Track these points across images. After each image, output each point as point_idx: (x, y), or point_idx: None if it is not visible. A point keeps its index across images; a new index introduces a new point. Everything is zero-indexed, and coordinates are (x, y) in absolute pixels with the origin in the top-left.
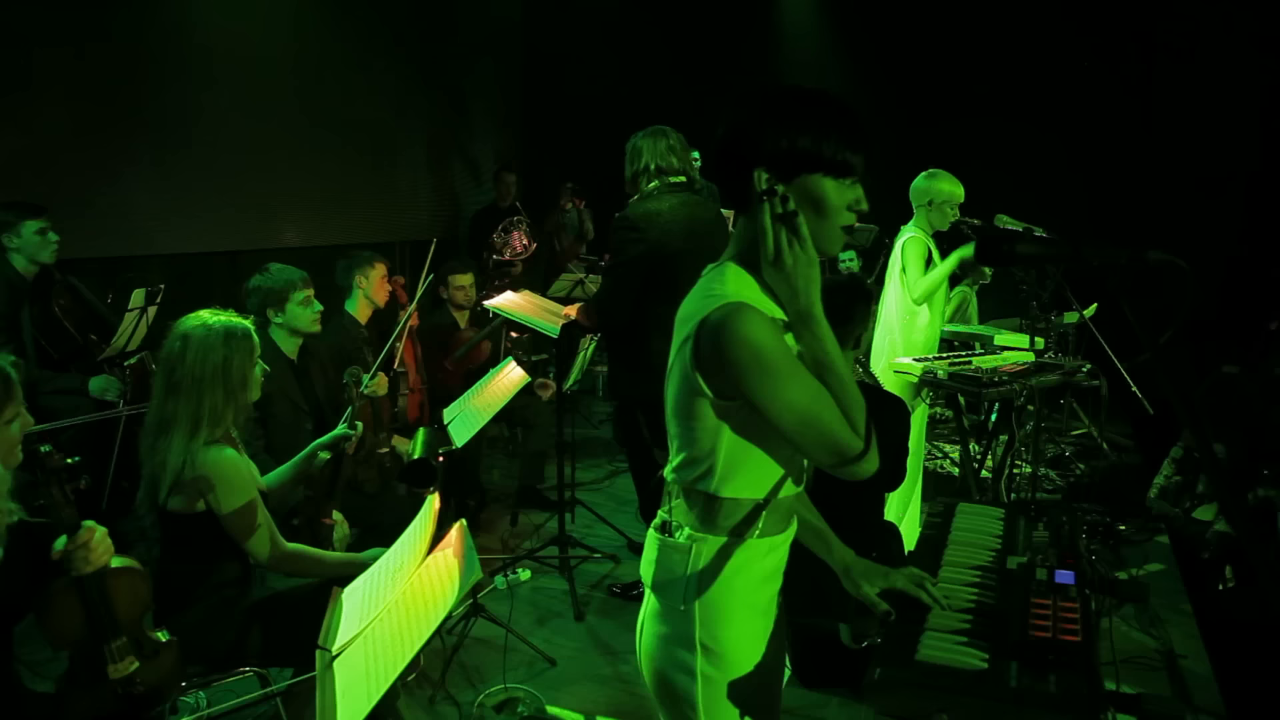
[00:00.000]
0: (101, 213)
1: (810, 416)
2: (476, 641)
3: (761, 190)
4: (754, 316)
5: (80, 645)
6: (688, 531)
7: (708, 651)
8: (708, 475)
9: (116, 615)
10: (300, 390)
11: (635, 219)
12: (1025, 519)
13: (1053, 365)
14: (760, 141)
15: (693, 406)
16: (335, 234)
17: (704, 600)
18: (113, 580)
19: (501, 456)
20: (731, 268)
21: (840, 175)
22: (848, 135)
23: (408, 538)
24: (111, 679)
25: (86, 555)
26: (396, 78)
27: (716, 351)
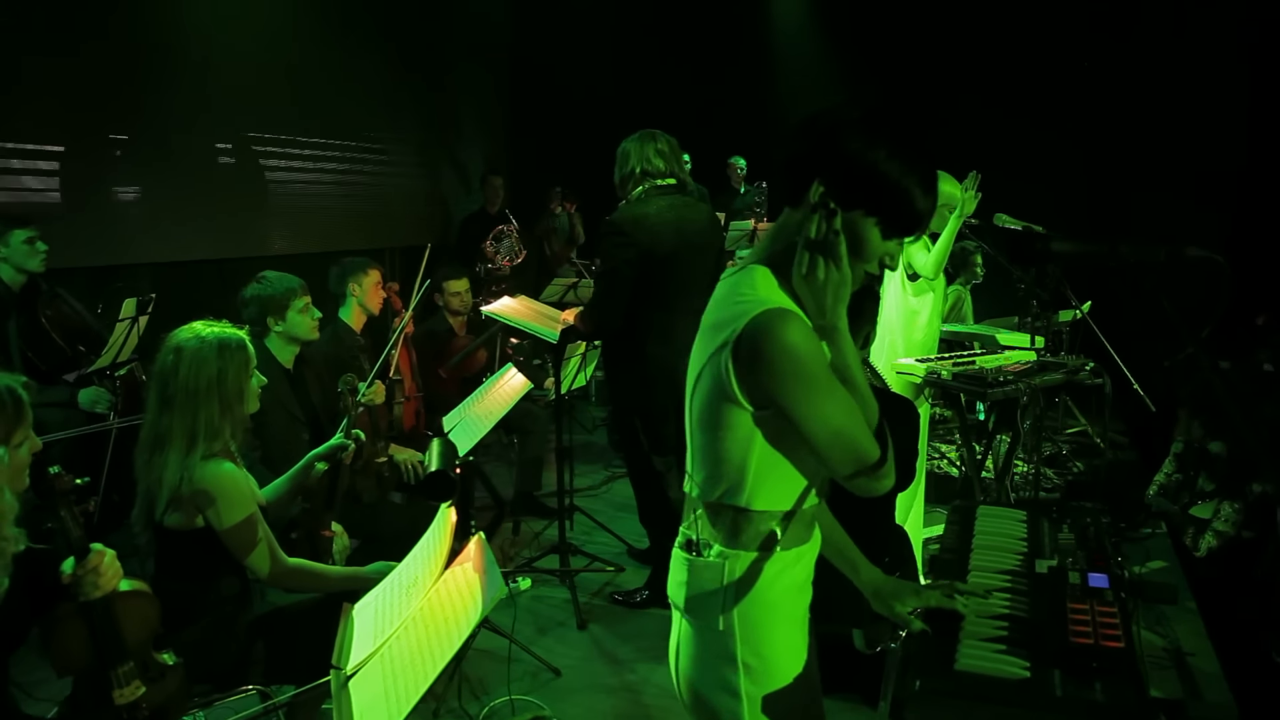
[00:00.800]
0: (88, 222)
1: (844, 430)
2: (479, 653)
3: (816, 202)
4: (799, 324)
5: (86, 672)
6: (718, 548)
7: (750, 669)
8: (737, 489)
9: (124, 640)
10: (296, 400)
11: (622, 224)
12: (1049, 521)
13: (1056, 364)
14: (840, 153)
15: (724, 416)
16: (324, 241)
17: (743, 617)
18: (120, 604)
19: (497, 464)
20: (761, 271)
21: (889, 232)
22: (921, 195)
23: (421, 551)
24: (116, 704)
25: (95, 580)
26: (384, 83)
27: (757, 357)
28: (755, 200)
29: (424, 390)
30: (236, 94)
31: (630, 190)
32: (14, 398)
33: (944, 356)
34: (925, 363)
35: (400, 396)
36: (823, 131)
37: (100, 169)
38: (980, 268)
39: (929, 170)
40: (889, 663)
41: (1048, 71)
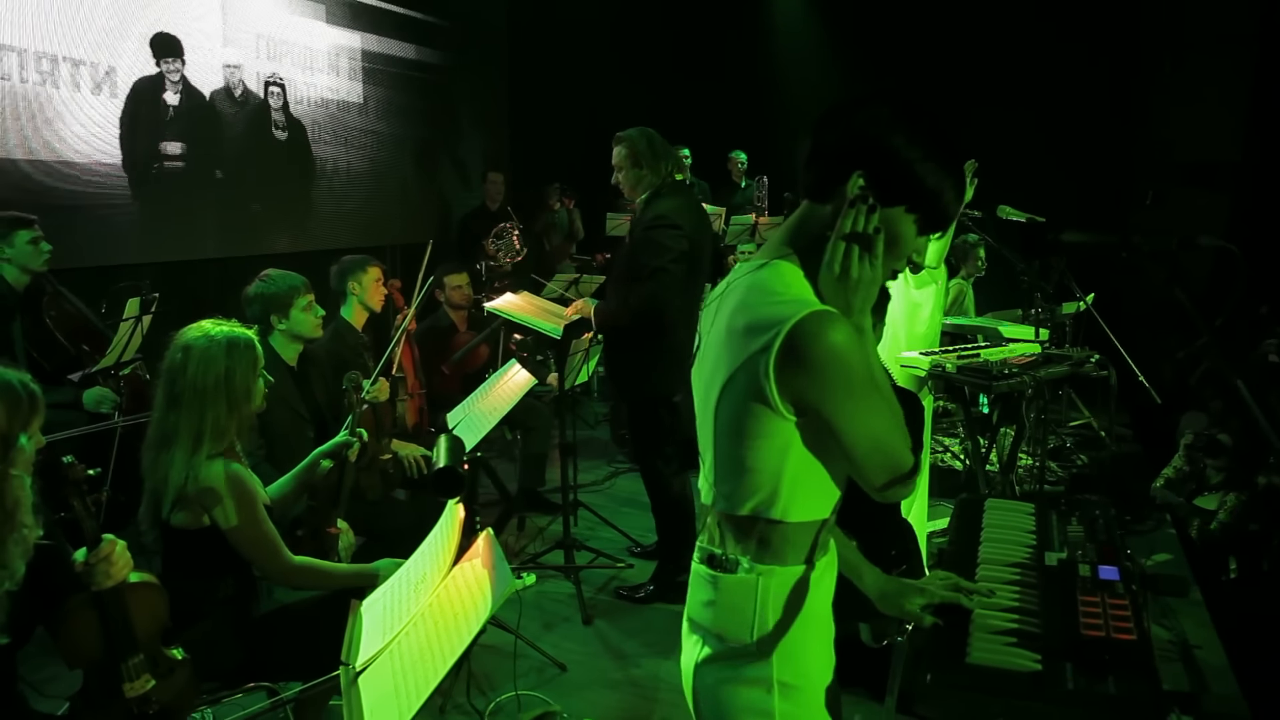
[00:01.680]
0: (90, 222)
1: (883, 437)
2: (485, 648)
3: (852, 195)
4: (846, 327)
5: (96, 663)
6: (747, 563)
7: (787, 689)
8: (772, 501)
9: (134, 632)
10: (301, 398)
11: (672, 215)
12: (1057, 513)
13: (1061, 356)
14: (881, 148)
15: (758, 423)
16: (326, 239)
17: (781, 635)
18: (131, 595)
19: (500, 459)
20: (789, 267)
21: (925, 227)
22: (956, 196)
23: (428, 548)
24: (126, 698)
25: (107, 569)
26: (384, 81)
27: (804, 361)
28: (756, 195)
29: (427, 387)
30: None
31: (646, 187)
32: (28, 390)
33: (948, 349)
34: (930, 355)
35: (404, 393)
36: (862, 125)
37: (101, 170)
38: (982, 261)
39: (962, 168)
40: (895, 656)
41: (1045, 64)
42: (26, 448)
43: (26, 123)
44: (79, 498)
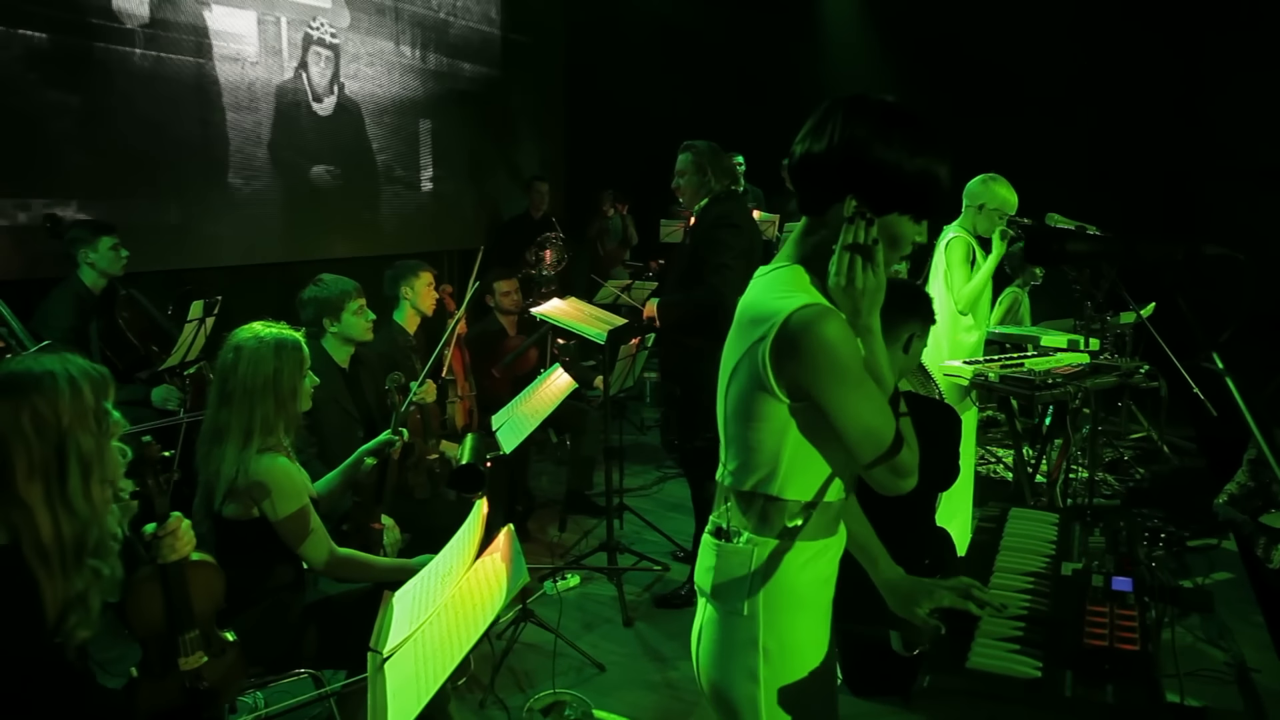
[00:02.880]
0: (160, 229)
1: (875, 427)
2: (526, 647)
3: (849, 215)
4: (837, 321)
5: (157, 634)
6: (746, 535)
7: (770, 655)
8: (770, 478)
9: (192, 606)
10: (351, 398)
11: (734, 216)
12: (1081, 525)
13: (1108, 366)
14: (865, 166)
15: (759, 406)
16: (385, 244)
17: (767, 603)
18: (192, 572)
19: (550, 463)
20: (796, 270)
21: (921, 217)
22: (944, 182)
23: (456, 542)
24: (181, 670)
25: (173, 543)
26: (440, 88)
27: (796, 350)
28: None
29: (477, 390)
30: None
31: (705, 194)
32: (100, 371)
33: (992, 359)
34: (973, 365)
35: (453, 396)
36: (843, 146)
37: (171, 180)
38: (1040, 269)
39: (948, 154)
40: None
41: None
42: (116, 415)
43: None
44: (153, 475)
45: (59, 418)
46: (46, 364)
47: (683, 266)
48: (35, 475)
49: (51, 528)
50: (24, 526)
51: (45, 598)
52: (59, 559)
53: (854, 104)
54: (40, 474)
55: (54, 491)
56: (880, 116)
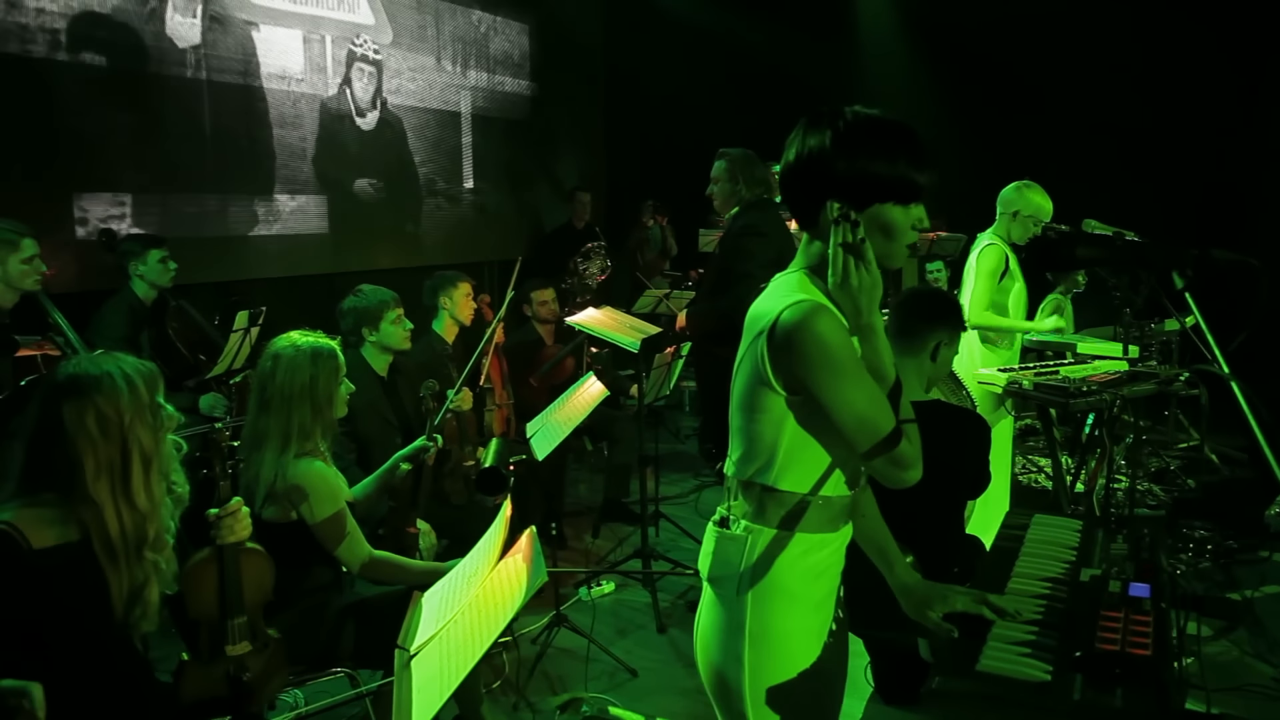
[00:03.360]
0: (209, 242)
1: (869, 417)
2: (560, 651)
3: (835, 218)
4: (828, 316)
5: (209, 616)
6: (744, 523)
7: (756, 641)
8: (767, 467)
9: (244, 592)
10: (390, 406)
11: (762, 225)
12: (1104, 532)
13: (1147, 374)
14: (833, 173)
15: (759, 399)
16: (426, 255)
17: (756, 589)
18: (245, 557)
19: (587, 470)
20: (799, 276)
21: (907, 200)
22: (915, 162)
23: (483, 544)
24: (228, 655)
25: (232, 524)
26: (481, 102)
27: (789, 345)
28: None
29: (514, 398)
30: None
31: (737, 202)
32: (149, 367)
33: (1027, 366)
34: (1007, 372)
35: (491, 404)
36: (808, 157)
37: (218, 195)
38: (1083, 276)
39: (906, 137)
40: None
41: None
42: (169, 409)
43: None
44: (220, 461)
45: (121, 416)
46: (103, 364)
47: (712, 277)
48: (102, 473)
49: (117, 523)
50: (93, 523)
51: (113, 590)
52: (124, 553)
53: (812, 117)
54: (106, 471)
55: (118, 488)
56: (836, 122)
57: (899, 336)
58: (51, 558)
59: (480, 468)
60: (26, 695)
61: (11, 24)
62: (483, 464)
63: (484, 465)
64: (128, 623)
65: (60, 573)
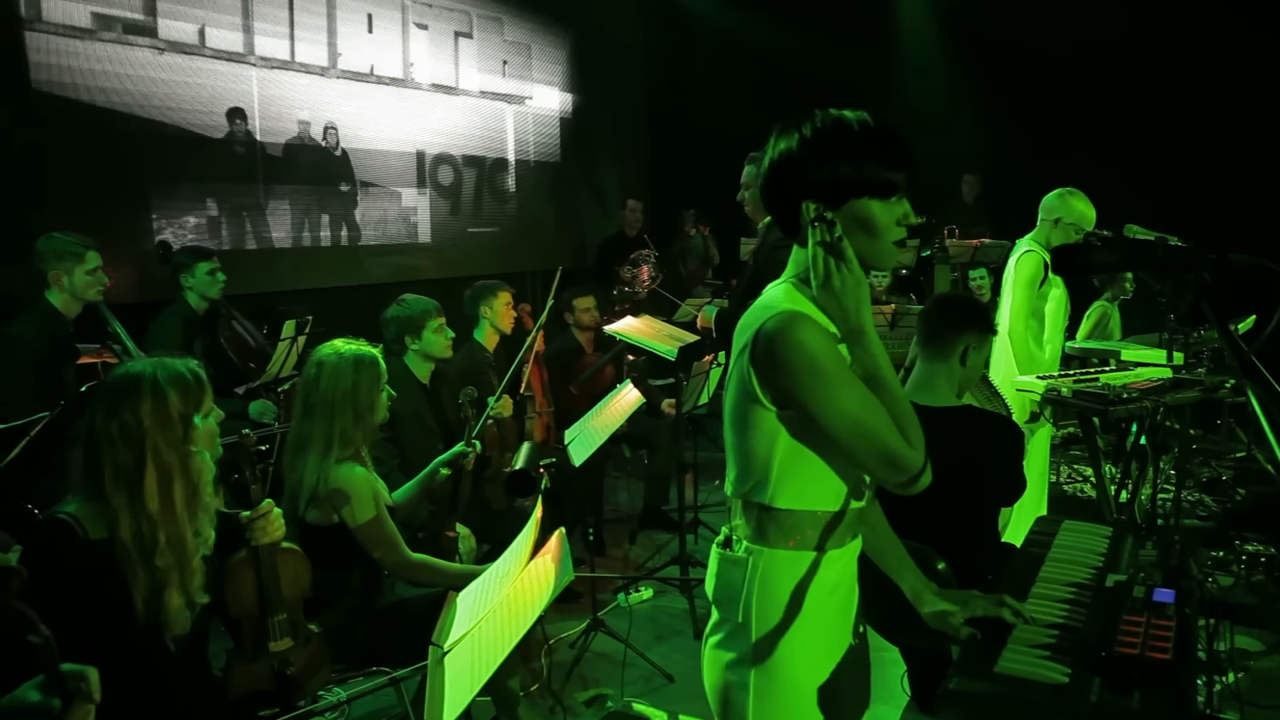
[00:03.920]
0: (258, 254)
1: (863, 424)
2: (597, 656)
3: (810, 219)
4: (809, 324)
5: (250, 614)
6: (745, 545)
7: (761, 664)
8: (763, 485)
9: (281, 589)
10: (432, 413)
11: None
12: (1133, 538)
13: (1191, 381)
14: (803, 173)
15: (749, 415)
16: (470, 265)
17: (760, 612)
18: (282, 557)
19: (627, 478)
20: (787, 287)
21: (885, 195)
22: (886, 155)
23: (515, 545)
24: (271, 652)
25: (265, 525)
26: (524, 112)
27: (772, 358)
28: None
29: (555, 406)
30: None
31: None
32: (195, 375)
33: (1066, 373)
34: (1046, 379)
35: (531, 412)
36: (779, 169)
37: (268, 209)
38: (1130, 283)
39: (876, 135)
40: None
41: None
42: (200, 426)
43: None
44: (250, 465)
45: (140, 422)
46: (138, 369)
47: (744, 286)
48: (119, 477)
49: (129, 527)
50: (111, 524)
51: (134, 590)
52: (137, 556)
53: (785, 122)
54: (122, 476)
55: (133, 493)
56: (804, 125)
57: (926, 343)
58: (101, 550)
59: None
60: (84, 678)
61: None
62: (513, 466)
63: (513, 468)
64: (158, 622)
65: (103, 565)
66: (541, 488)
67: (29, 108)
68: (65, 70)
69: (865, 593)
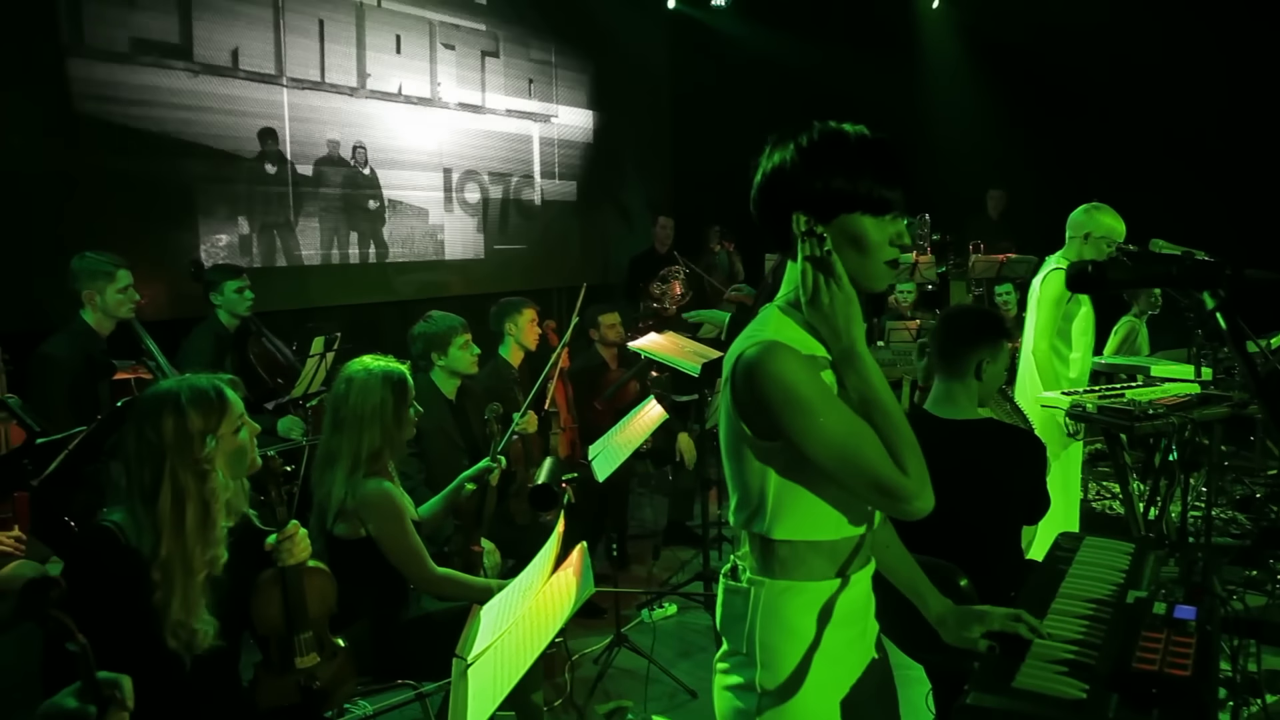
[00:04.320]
0: (287, 271)
1: (848, 452)
2: (621, 671)
3: (800, 232)
4: (784, 354)
5: (277, 632)
6: (748, 575)
7: (767, 695)
8: (759, 515)
9: (307, 608)
10: (457, 428)
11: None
12: (1155, 555)
13: (1219, 396)
14: (795, 184)
15: (739, 446)
16: (496, 282)
17: (764, 643)
18: (308, 576)
19: (651, 493)
20: (775, 310)
21: (878, 212)
22: (882, 171)
23: (538, 560)
24: (297, 668)
25: (291, 548)
26: (548, 130)
27: (751, 391)
28: (918, 232)
29: (580, 422)
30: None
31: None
32: (218, 393)
33: (1092, 389)
34: (1071, 395)
35: (556, 428)
36: (771, 182)
37: (299, 227)
38: (1157, 298)
39: (873, 150)
40: None
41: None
42: (211, 446)
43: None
44: (275, 487)
45: (161, 440)
46: (166, 387)
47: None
48: (142, 493)
49: (147, 540)
50: (139, 536)
51: (157, 599)
52: (159, 569)
53: (779, 134)
54: (139, 490)
55: (148, 508)
56: (799, 137)
57: (941, 359)
58: (137, 559)
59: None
60: (118, 686)
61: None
62: (535, 481)
63: (536, 483)
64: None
65: (138, 574)
66: (564, 503)
67: (70, 129)
68: (104, 94)
69: (885, 609)
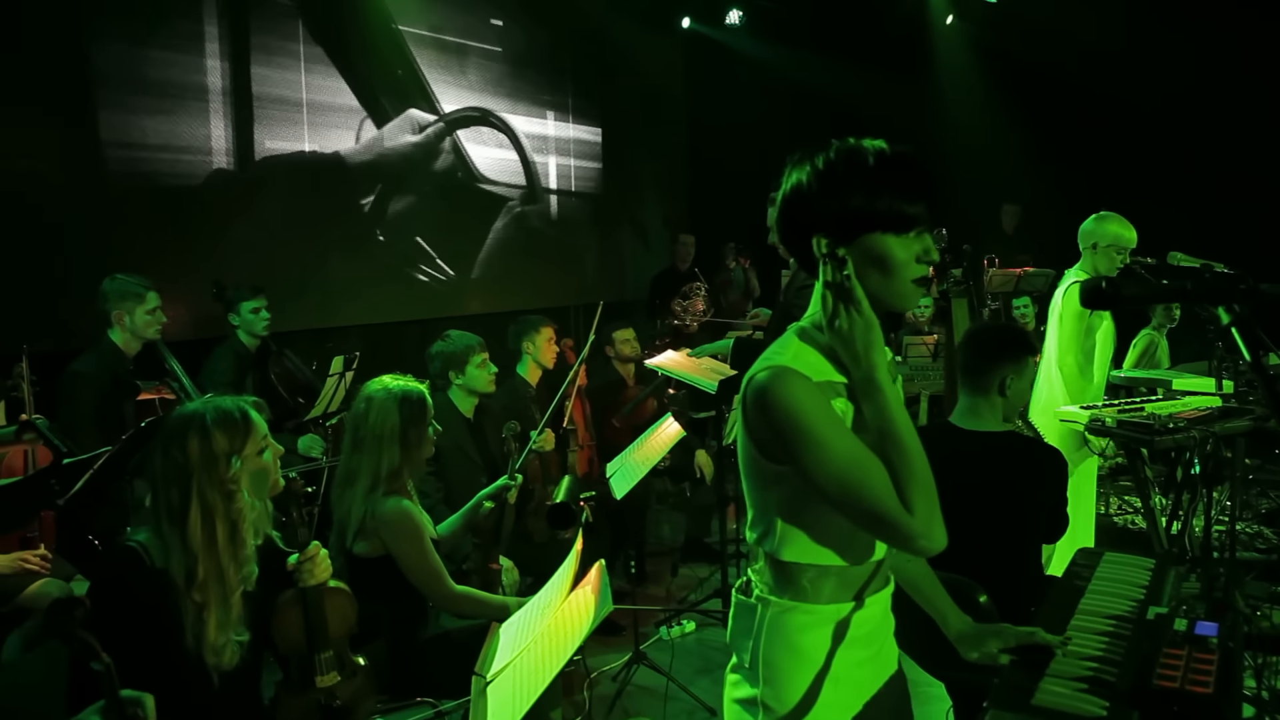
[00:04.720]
0: (308, 291)
1: (851, 484)
2: (639, 689)
3: (821, 255)
4: (793, 380)
5: (298, 652)
6: (758, 592)
7: (769, 713)
8: (770, 535)
9: (328, 628)
10: (475, 446)
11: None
12: (1177, 570)
13: (1241, 410)
14: (813, 206)
15: (753, 466)
16: (514, 300)
17: (767, 660)
18: (329, 597)
19: (669, 510)
20: (794, 333)
21: (901, 230)
22: (903, 187)
23: (557, 577)
24: (318, 687)
25: (312, 568)
26: (565, 149)
27: (760, 416)
28: (940, 246)
29: (598, 440)
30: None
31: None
32: (243, 414)
33: (1110, 403)
34: (1090, 409)
35: (574, 445)
36: (792, 202)
37: (318, 248)
38: (1177, 310)
39: (894, 166)
40: None
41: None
42: (236, 467)
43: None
44: (297, 508)
45: (188, 461)
46: (191, 409)
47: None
48: (170, 514)
49: (180, 562)
50: (167, 556)
51: (185, 622)
52: (186, 589)
53: (800, 153)
54: (166, 510)
55: (181, 529)
56: (818, 155)
57: (966, 375)
58: (162, 579)
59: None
60: (140, 704)
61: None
62: (554, 500)
63: (555, 501)
64: (202, 654)
65: (162, 594)
66: (582, 520)
67: (99, 160)
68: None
69: (904, 625)
